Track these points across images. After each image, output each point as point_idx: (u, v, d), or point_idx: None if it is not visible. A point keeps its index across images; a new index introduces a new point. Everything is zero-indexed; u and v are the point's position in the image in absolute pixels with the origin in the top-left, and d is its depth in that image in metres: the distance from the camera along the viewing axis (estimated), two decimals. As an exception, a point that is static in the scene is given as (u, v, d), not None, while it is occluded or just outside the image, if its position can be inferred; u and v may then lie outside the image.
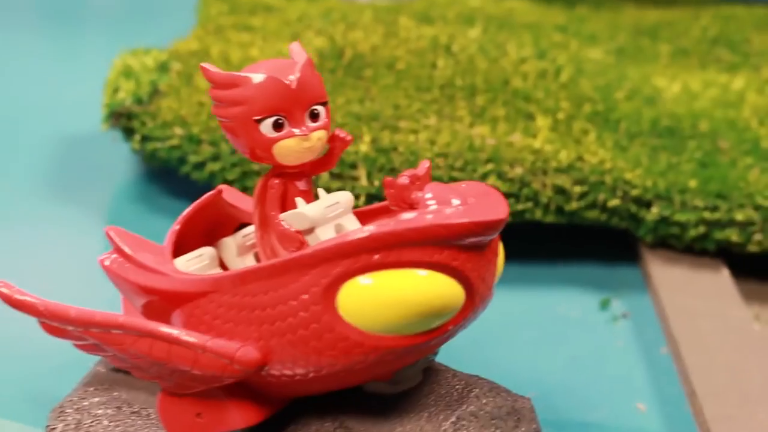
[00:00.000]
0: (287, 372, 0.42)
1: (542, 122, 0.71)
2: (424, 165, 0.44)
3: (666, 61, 0.85)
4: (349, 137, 0.45)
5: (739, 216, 0.66)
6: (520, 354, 0.61)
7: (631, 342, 0.63)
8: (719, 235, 0.66)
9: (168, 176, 0.72)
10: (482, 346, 0.61)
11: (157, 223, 0.69)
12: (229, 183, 0.65)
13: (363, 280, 0.40)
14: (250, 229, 0.48)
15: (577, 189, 0.66)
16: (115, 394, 0.47)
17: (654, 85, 0.79)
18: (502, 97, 0.73)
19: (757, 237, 0.66)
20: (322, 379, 0.42)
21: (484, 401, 0.45)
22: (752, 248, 0.66)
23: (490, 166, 0.65)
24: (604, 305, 0.66)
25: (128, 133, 0.69)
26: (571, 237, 0.72)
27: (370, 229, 0.40)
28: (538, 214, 0.66)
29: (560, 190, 0.66)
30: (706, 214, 0.66)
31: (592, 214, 0.67)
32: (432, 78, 0.74)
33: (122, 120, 0.69)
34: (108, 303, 0.50)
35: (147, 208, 0.72)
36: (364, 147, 0.66)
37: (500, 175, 0.65)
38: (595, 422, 0.57)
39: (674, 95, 0.78)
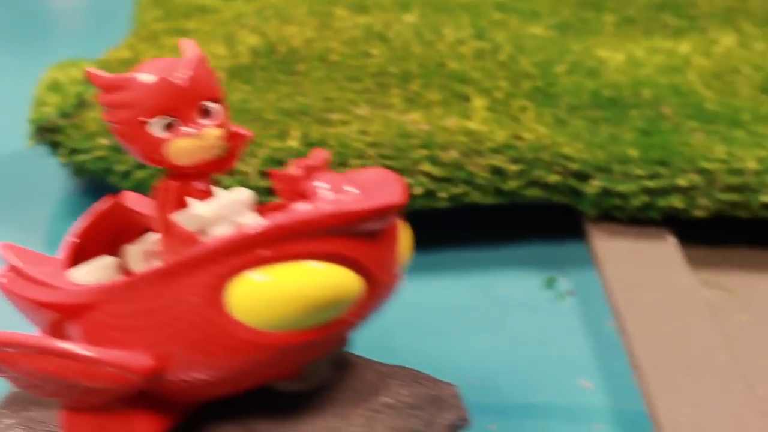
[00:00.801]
0: (185, 377, 0.41)
1: (479, 103, 0.69)
2: (319, 155, 0.43)
3: (611, 32, 0.84)
4: (249, 133, 0.44)
5: (682, 181, 0.64)
6: (459, 341, 0.60)
7: (576, 319, 0.62)
8: (663, 202, 0.64)
9: (101, 189, 0.71)
10: (420, 337, 0.60)
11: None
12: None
13: (250, 277, 0.39)
14: (158, 234, 0.47)
15: (514, 168, 0.64)
16: (27, 414, 0.45)
17: (597, 56, 0.77)
18: (437, 80, 0.72)
19: (702, 201, 0.65)
20: (222, 382, 0.41)
21: (401, 391, 0.44)
22: (698, 213, 0.65)
23: (422, 152, 0.64)
24: (549, 284, 0.65)
25: (55, 147, 0.68)
26: (515, 217, 0.70)
27: (254, 223, 0.39)
28: (476, 196, 0.65)
29: (496, 171, 0.64)
30: (648, 183, 0.64)
31: (532, 192, 0.65)
32: (365, 67, 0.73)
33: (48, 134, 0.67)
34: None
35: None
36: (293, 143, 0.64)
37: (433, 160, 0.64)
38: (538, 403, 0.55)
39: (617, 65, 0.76)
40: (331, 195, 0.40)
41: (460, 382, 0.53)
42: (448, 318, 0.62)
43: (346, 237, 0.40)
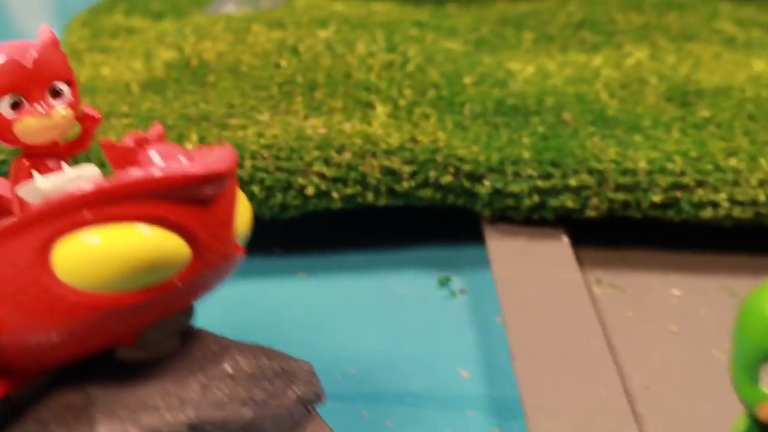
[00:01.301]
0: (20, 340, 0.41)
1: (381, 110, 0.71)
2: (155, 128, 0.44)
3: (528, 47, 0.85)
4: (98, 114, 0.45)
5: (573, 181, 0.65)
6: (346, 333, 0.60)
7: (465, 316, 0.62)
8: (555, 202, 0.65)
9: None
10: (309, 332, 0.60)
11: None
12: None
13: (74, 238, 0.40)
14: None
15: (407, 169, 0.65)
16: None
17: (507, 68, 0.78)
18: (342, 89, 0.73)
19: (594, 201, 0.65)
20: (56, 345, 0.41)
21: (242, 362, 0.44)
22: (590, 213, 0.66)
23: (316, 153, 0.65)
24: (443, 283, 0.66)
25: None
26: (418, 221, 0.71)
27: (79, 187, 0.40)
28: (370, 197, 0.65)
29: (389, 171, 0.65)
30: (540, 183, 0.65)
31: (426, 193, 0.66)
32: (272, 77, 0.74)
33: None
34: None
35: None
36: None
37: (327, 161, 0.65)
38: (415, 391, 0.56)
39: (527, 77, 0.77)
40: (161, 163, 0.41)
41: (339, 370, 0.54)
42: (340, 315, 0.63)
43: (172, 202, 0.40)
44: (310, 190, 0.64)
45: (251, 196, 0.64)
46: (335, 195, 0.65)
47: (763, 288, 0.40)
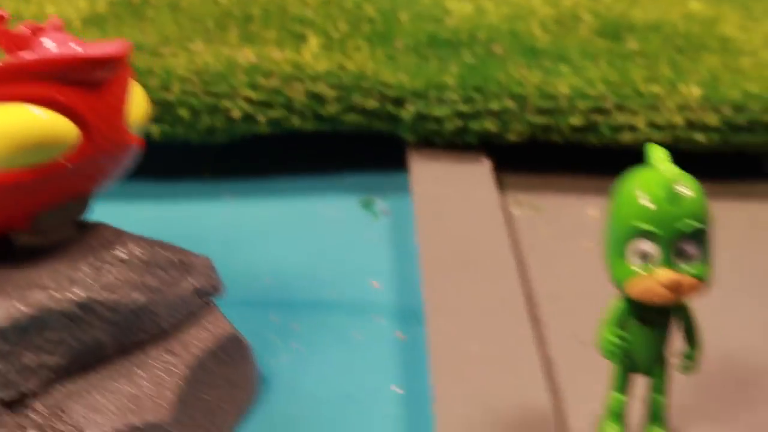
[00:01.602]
0: None
1: (314, 42, 0.72)
2: (51, 20, 0.45)
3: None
4: (5, 14, 0.46)
5: (495, 106, 0.66)
6: (266, 250, 0.62)
7: (385, 235, 0.64)
8: (476, 126, 0.66)
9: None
10: (229, 248, 0.62)
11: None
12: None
13: (-39, 116, 0.41)
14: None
15: (333, 93, 0.67)
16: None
17: (444, 6, 0.79)
18: (277, 22, 0.74)
19: (515, 125, 0.67)
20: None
21: (136, 249, 0.45)
22: (511, 137, 0.67)
23: (243, 78, 0.66)
24: (367, 205, 0.67)
25: None
26: (347, 146, 0.73)
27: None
28: (296, 121, 0.67)
29: (315, 96, 0.66)
30: (462, 107, 0.66)
31: (352, 118, 0.67)
32: (209, 11, 0.75)
33: None
34: None
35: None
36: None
37: (254, 86, 0.66)
38: (324, 299, 0.57)
39: (464, 14, 0.78)
40: (54, 48, 0.43)
41: (255, 280, 0.56)
42: (263, 235, 0.64)
43: (62, 84, 0.42)
44: (236, 113, 0.66)
45: (179, 120, 0.66)
46: (261, 118, 0.66)
47: (635, 172, 0.42)
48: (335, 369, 0.52)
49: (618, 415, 0.46)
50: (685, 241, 0.41)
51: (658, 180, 0.41)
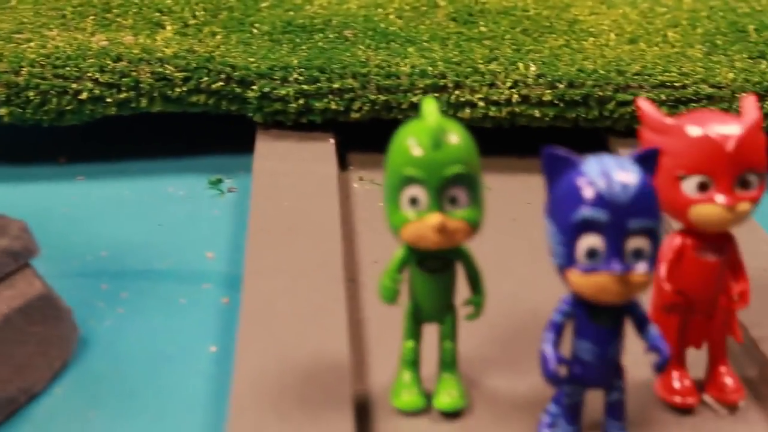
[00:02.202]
0: None
1: (170, 28, 0.74)
2: None
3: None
4: None
5: (338, 85, 0.68)
6: (108, 226, 0.63)
7: (228, 210, 0.66)
8: (320, 105, 0.68)
9: None
10: (73, 224, 0.64)
11: None
12: None
13: None
14: None
15: (179, 75, 0.68)
16: None
17: (305, -6, 0.81)
18: (135, 10, 0.76)
19: (357, 104, 0.69)
20: None
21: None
22: (355, 115, 0.69)
23: (92, 61, 0.68)
24: (214, 184, 0.69)
25: None
26: (202, 131, 0.74)
27: None
28: (144, 102, 0.68)
29: (162, 78, 0.68)
30: (306, 87, 0.68)
31: (199, 99, 0.69)
32: (70, 1, 0.77)
33: None
34: None
35: None
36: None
37: (101, 69, 0.68)
38: (157, 269, 0.59)
39: (323, 2, 0.80)
40: None
41: (91, 253, 0.58)
42: (108, 212, 0.65)
43: None
44: (84, 95, 0.67)
45: (28, 102, 0.67)
46: (109, 100, 0.68)
47: (406, 124, 0.44)
48: (156, 331, 0.54)
49: (411, 363, 0.48)
50: (453, 187, 0.43)
51: (425, 129, 0.43)
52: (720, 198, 0.44)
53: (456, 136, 0.43)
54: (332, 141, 0.69)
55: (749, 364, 0.51)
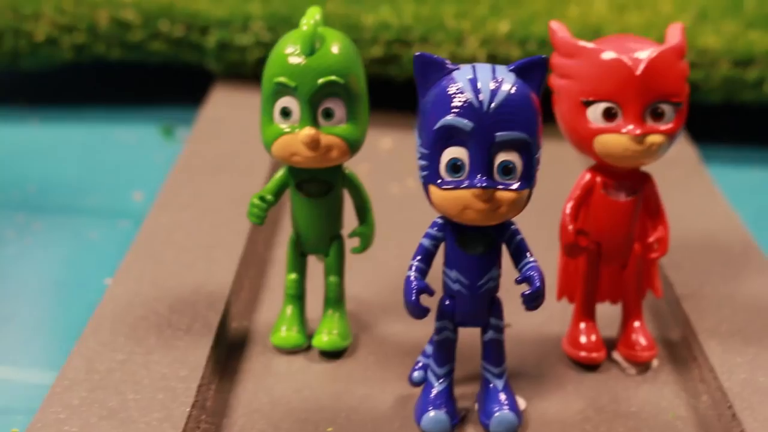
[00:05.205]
0: None
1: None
2: None
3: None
4: None
5: (299, 36, 0.66)
6: (51, 167, 0.63)
7: (173, 159, 0.63)
8: (279, 56, 0.66)
9: None
10: (26, 166, 0.63)
11: None
12: None
13: None
14: None
15: (138, 20, 0.66)
16: None
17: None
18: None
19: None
20: None
21: None
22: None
23: (49, 2, 0.66)
24: (167, 132, 0.67)
25: None
26: (161, 80, 0.73)
27: None
28: (101, 48, 0.67)
29: (120, 23, 0.66)
30: (265, 37, 0.66)
31: (158, 47, 0.67)
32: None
33: None
34: None
35: None
36: None
37: (60, 10, 0.66)
38: (78, 206, 0.58)
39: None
40: None
41: (18, 188, 0.56)
42: (51, 155, 0.64)
43: None
44: (39, 37, 0.66)
45: (-16, 43, 0.66)
46: (65, 43, 0.66)
47: (292, 31, 0.41)
48: (56, 262, 0.52)
49: (294, 297, 0.45)
50: (328, 99, 0.40)
51: (301, 36, 0.40)
52: (627, 127, 0.40)
53: (336, 46, 0.40)
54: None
55: (675, 324, 0.47)
